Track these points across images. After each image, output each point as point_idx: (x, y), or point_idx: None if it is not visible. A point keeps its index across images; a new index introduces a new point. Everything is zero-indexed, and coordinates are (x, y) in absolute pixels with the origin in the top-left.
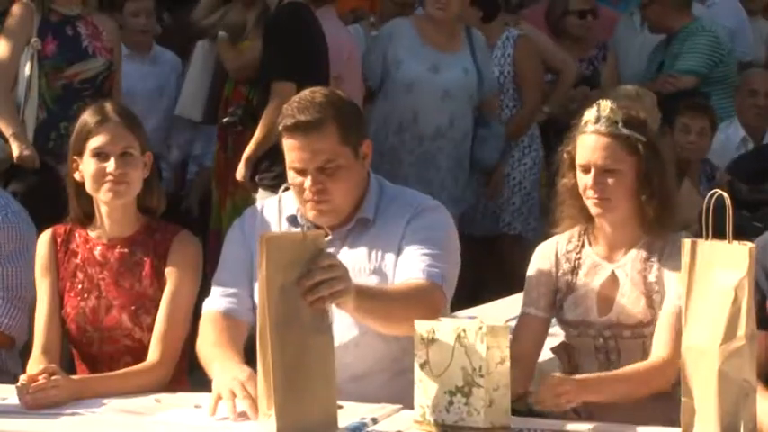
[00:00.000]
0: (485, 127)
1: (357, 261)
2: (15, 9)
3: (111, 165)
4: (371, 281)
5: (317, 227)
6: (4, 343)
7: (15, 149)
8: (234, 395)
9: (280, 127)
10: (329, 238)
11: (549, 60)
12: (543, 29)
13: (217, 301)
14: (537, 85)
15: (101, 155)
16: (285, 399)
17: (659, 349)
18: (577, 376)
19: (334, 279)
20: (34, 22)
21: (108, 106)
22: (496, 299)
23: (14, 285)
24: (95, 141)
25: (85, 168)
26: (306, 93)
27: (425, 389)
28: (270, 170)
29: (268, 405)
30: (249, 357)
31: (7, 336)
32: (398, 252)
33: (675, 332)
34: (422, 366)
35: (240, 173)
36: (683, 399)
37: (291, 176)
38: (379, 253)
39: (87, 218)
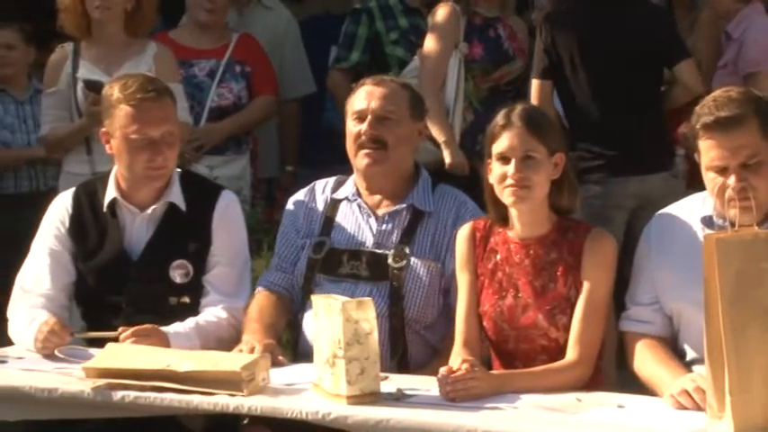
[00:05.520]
0: None
1: None
2: (443, 12)
3: (510, 168)
4: None
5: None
6: None
7: (447, 156)
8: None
9: (697, 126)
10: None
11: None
12: None
13: (637, 324)
14: None
15: (504, 159)
16: (739, 401)
17: None
18: None
19: None
20: (460, 26)
21: (515, 110)
22: None
23: None
24: (499, 146)
25: (492, 172)
26: (719, 91)
27: None
28: None
29: (719, 408)
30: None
31: None
32: None
33: None
34: None
35: None
36: None
37: (711, 177)
38: None
39: (503, 219)
